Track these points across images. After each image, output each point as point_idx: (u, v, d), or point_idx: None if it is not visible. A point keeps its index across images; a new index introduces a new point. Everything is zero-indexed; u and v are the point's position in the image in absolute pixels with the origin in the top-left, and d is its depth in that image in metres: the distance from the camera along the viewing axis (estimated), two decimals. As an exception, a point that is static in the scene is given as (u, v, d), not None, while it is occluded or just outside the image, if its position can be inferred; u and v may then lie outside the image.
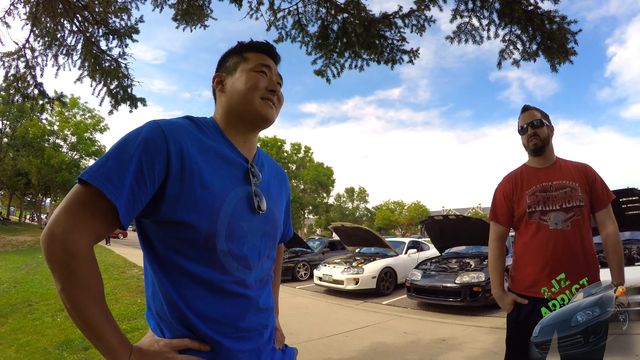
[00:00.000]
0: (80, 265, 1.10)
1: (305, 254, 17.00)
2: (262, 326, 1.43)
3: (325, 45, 5.98)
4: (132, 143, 1.19)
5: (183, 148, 1.25)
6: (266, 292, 1.47)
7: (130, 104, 7.08)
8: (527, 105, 2.94)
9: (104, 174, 1.13)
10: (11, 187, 49.16)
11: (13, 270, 15.88)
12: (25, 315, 7.87)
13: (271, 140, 56.92)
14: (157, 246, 1.28)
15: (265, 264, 1.46)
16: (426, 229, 11.34)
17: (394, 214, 74.20)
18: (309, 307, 10.24)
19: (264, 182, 1.51)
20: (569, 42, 5.16)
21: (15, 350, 5.80)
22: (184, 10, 6.10)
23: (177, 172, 1.22)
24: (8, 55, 6.36)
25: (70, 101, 41.74)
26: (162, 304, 1.28)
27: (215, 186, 1.28)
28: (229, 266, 1.31)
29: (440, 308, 9.49)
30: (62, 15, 6.16)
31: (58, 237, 1.09)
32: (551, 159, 2.89)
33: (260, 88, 1.46)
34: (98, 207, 1.14)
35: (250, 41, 1.55)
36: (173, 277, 1.26)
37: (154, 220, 1.25)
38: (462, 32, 5.62)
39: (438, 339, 6.72)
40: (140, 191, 1.17)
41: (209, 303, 1.28)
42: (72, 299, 1.10)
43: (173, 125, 1.28)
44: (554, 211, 2.71)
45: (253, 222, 1.38)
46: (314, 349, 6.18)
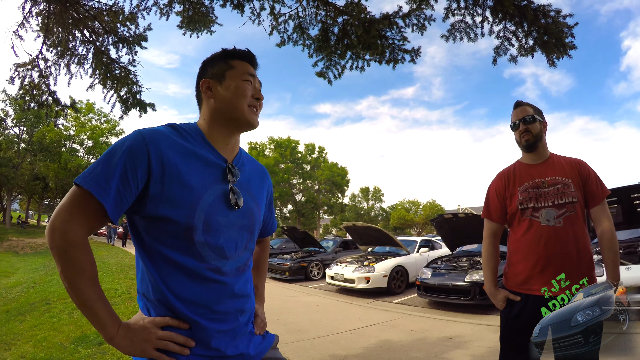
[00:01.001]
0: (75, 251, 1.32)
1: (318, 254, 17.01)
2: (238, 310, 1.59)
3: (326, 48, 6.03)
4: (118, 151, 1.39)
5: (162, 153, 1.43)
6: (243, 279, 1.63)
7: (139, 110, 7.24)
8: (519, 101, 2.93)
9: (94, 178, 1.35)
10: (29, 191, 50.03)
11: (32, 272, 16.20)
12: (43, 313, 8.05)
13: (285, 141, 56.96)
14: (144, 237, 1.47)
15: (242, 254, 1.63)
16: (436, 227, 11.31)
17: (409, 213, 73.57)
18: (319, 305, 10.32)
19: (244, 180, 1.67)
20: (566, 36, 5.11)
21: (33, 346, 5.97)
22: (189, 17, 6.20)
23: (157, 174, 1.41)
24: (22, 66, 6.57)
25: (85, 106, 42.39)
26: (148, 287, 1.48)
27: (192, 185, 1.46)
28: (206, 255, 1.48)
29: (450, 306, 9.52)
30: (73, 26, 6.33)
31: (57, 228, 1.32)
32: (544, 154, 2.87)
33: (248, 96, 1.63)
34: (89, 205, 1.35)
35: (234, 49, 1.69)
36: (157, 264, 1.46)
37: (141, 215, 1.45)
38: (456, 30, 5.62)
39: (445, 337, 6.77)
40: (125, 191, 1.37)
41: (188, 287, 1.46)
42: (70, 280, 1.32)
43: (154, 133, 1.46)
44: (545, 207, 2.69)
45: (229, 217, 1.56)
46: (320, 346, 6.24)
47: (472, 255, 11.22)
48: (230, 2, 6.05)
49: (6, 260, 21.63)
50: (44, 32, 6.28)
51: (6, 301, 10.05)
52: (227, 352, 1.53)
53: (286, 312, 9.19)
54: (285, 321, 8.13)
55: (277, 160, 55.05)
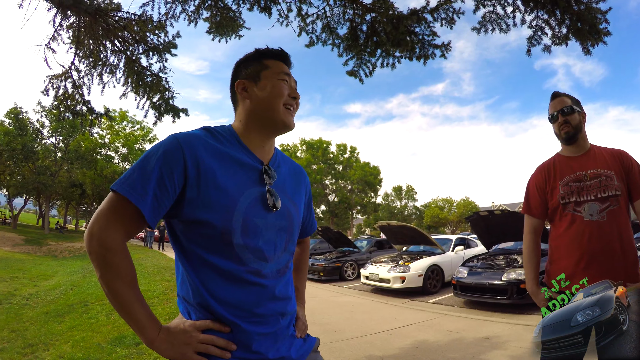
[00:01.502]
0: (113, 257, 1.33)
1: (352, 254, 16.93)
2: (279, 313, 1.56)
3: (355, 46, 5.97)
4: (153, 156, 1.38)
5: (198, 156, 1.41)
6: (283, 282, 1.60)
7: (173, 115, 7.34)
8: (556, 92, 2.82)
9: (130, 184, 1.34)
10: (67, 198, 51.65)
11: (70, 274, 16.59)
12: (81, 315, 8.21)
13: (317, 142, 57.09)
14: (183, 241, 1.47)
15: (282, 256, 1.59)
16: (472, 225, 11.11)
17: (442, 211, 72.90)
18: (354, 305, 10.27)
19: (280, 181, 1.64)
20: (600, 23, 4.92)
21: (71, 346, 6.09)
22: (217, 22, 6.23)
23: (193, 178, 1.40)
24: (56, 78, 6.74)
25: (119, 115, 43.30)
26: (188, 291, 1.48)
27: (229, 188, 1.44)
28: (245, 258, 1.46)
29: (486, 306, 9.34)
30: (104, 37, 6.45)
31: (95, 235, 1.32)
32: (585, 146, 2.76)
33: (285, 95, 1.60)
34: (126, 210, 1.35)
35: (268, 49, 1.67)
36: (197, 268, 1.45)
37: (179, 219, 1.44)
38: (487, 21, 5.47)
39: (482, 338, 6.64)
40: (162, 196, 1.37)
41: (228, 290, 1.45)
42: (109, 285, 1.33)
43: (189, 137, 1.45)
44: (588, 201, 2.59)
45: (267, 219, 1.53)
46: (356, 346, 6.21)
47: (509, 253, 11.00)
48: (257, 5, 6.06)
49: (45, 264, 22.20)
50: (75, 44, 6.42)
51: (45, 303, 10.32)
52: (268, 355, 1.51)
53: (321, 312, 9.16)
54: (320, 321, 8.11)
55: (309, 162, 55.22)
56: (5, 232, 35.78)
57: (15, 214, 44.08)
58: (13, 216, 43.60)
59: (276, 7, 6.04)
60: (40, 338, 6.77)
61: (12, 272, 16.63)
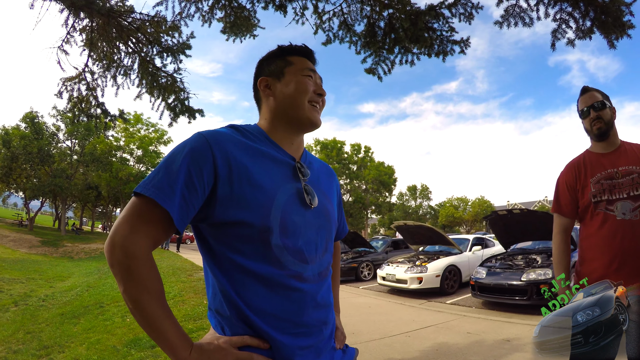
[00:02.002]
0: (139, 267, 1.18)
1: (368, 254, 16.88)
2: (322, 322, 1.44)
3: (373, 43, 5.88)
4: (179, 155, 1.27)
5: (228, 152, 1.31)
6: (325, 286, 1.49)
7: (188, 116, 7.30)
8: (586, 87, 2.73)
9: (156, 184, 1.23)
10: (83, 200, 52.29)
11: (86, 275, 16.73)
12: (97, 316, 8.24)
13: (331, 142, 57.11)
14: (213, 246, 1.34)
15: (323, 257, 1.49)
16: (490, 224, 10.97)
17: (457, 210, 72.66)
18: (371, 306, 10.19)
19: (314, 178, 1.55)
20: (624, 15, 4.79)
21: (86, 348, 6.10)
22: (231, 22, 6.17)
23: (225, 175, 1.29)
24: (70, 80, 6.74)
25: (134, 117, 43.64)
26: (221, 303, 1.34)
27: (264, 184, 1.34)
28: (285, 260, 1.34)
29: (505, 307, 9.18)
30: (117, 39, 6.44)
31: (118, 244, 1.18)
32: (615, 142, 2.66)
33: (310, 91, 1.51)
34: (153, 214, 1.22)
35: (291, 45, 1.59)
36: (230, 276, 1.32)
37: (209, 223, 1.32)
38: (510, 15, 5.36)
39: (502, 340, 6.51)
40: (191, 196, 1.25)
41: (266, 299, 1.32)
42: (134, 299, 1.18)
43: (216, 133, 1.35)
44: (621, 200, 2.50)
45: (306, 217, 1.42)
46: (375, 349, 6.14)
47: (528, 252, 10.82)
48: (272, 4, 5.99)
49: (61, 265, 22.49)
50: (88, 46, 6.40)
51: (61, 304, 10.39)
52: None
53: (338, 314, 9.04)
54: (337, 323, 7.96)
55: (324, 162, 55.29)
56: (23, 234, 36.25)
57: (32, 216, 44.57)
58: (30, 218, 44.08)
59: (291, 5, 5.98)
60: (55, 340, 6.80)
61: (29, 273, 16.82)
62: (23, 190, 45.47)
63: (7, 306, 10.22)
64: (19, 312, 9.61)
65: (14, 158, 39.41)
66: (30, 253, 28.94)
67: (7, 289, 12.85)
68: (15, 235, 34.28)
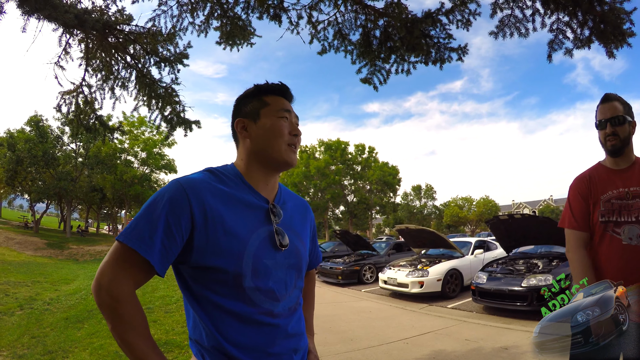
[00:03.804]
0: (124, 308, 1.30)
1: (371, 257, 16.89)
2: (292, 350, 1.55)
3: (369, 53, 5.87)
4: (159, 204, 1.36)
5: (204, 202, 1.39)
6: (295, 318, 1.60)
7: (185, 128, 7.36)
8: (608, 95, 2.53)
9: (137, 234, 1.32)
10: (88, 202, 52.57)
11: (91, 278, 16.58)
12: (100, 321, 8.23)
13: (335, 142, 57.07)
14: (192, 286, 1.44)
15: (292, 293, 1.58)
16: (492, 229, 10.97)
17: (462, 210, 72.47)
18: (372, 311, 10.23)
19: (286, 218, 1.62)
20: (624, 23, 4.69)
21: (89, 354, 6.13)
22: (227, 32, 6.18)
23: (201, 224, 1.37)
24: (68, 93, 6.79)
25: (138, 120, 43.72)
26: (201, 334, 1.44)
27: (238, 231, 1.43)
28: (257, 299, 1.45)
29: (505, 312, 9.15)
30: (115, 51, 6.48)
31: (104, 287, 1.29)
32: (630, 158, 2.52)
33: (285, 134, 1.57)
34: (135, 261, 1.33)
35: (267, 84, 1.63)
36: (208, 311, 1.42)
37: (188, 265, 1.42)
38: (505, 25, 5.29)
39: (500, 347, 6.51)
40: (170, 244, 1.34)
41: (241, 332, 1.43)
42: (121, 336, 1.29)
43: (194, 182, 1.42)
44: (628, 223, 2.39)
45: (277, 258, 1.51)
46: (373, 356, 6.16)
47: (529, 257, 10.81)
48: (267, 14, 5.98)
49: (67, 268, 22.50)
50: (85, 59, 6.45)
51: (65, 308, 10.43)
52: None
53: (338, 319, 9.13)
54: (337, 329, 8.06)
55: (328, 162, 55.31)
56: (28, 237, 36.34)
57: (37, 218, 44.72)
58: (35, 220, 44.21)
59: (286, 15, 5.97)
60: (59, 345, 6.82)
61: (34, 276, 16.87)
62: (28, 192, 45.58)
63: (12, 310, 10.26)
64: (24, 316, 9.65)
65: (19, 161, 39.50)
66: (35, 255, 29.02)
67: (13, 292, 12.89)
68: (20, 238, 34.37)
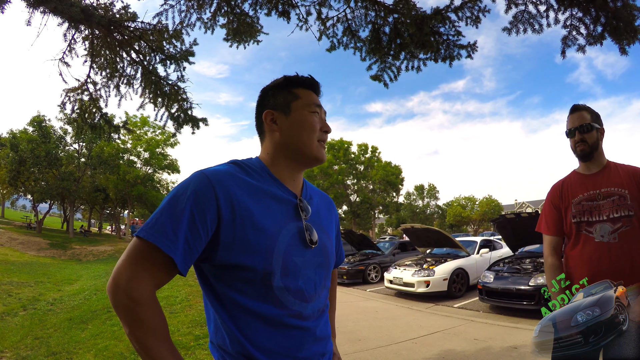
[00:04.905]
0: (143, 311, 1.19)
1: (375, 256, 16.84)
2: (320, 354, 1.47)
3: (378, 49, 5.82)
4: (182, 197, 1.26)
5: (231, 194, 1.30)
6: (323, 321, 1.52)
7: (192, 125, 7.31)
8: (576, 106, 2.75)
9: (159, 229, 1.22)
10: (90, 202, 52.48)
11: (94, 279, 16.69)
12: (104, 322, 8.21)
13: (338, 142, 57.01)
14: (215, 286, 1.35)
15: (322, 294, 1.51)
16: (498, 228, 10.93)
17: (465, 210, 72.42)
18: (378, 311, 10.17)
19: (314, 214, 1.54)
20: (636, 20, 4.70)
21: (94, 355, 6.08)
22: (234, 29, 6.15)
23: (228, 218, 1.28)
24: (72, 91, 6.77)
25: (140, 120, 43.79)
26: (224, 339, 1.35)
27: (267, 226, 1.34)
28: (286, 300, 1.36)
29: (513, 312, 9.11)
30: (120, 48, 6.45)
31: (122, 287, 1.18)
32: (601, 162, 2.71)
33: (317, 130, 1.51)
34: (156, 259, 1.23)
35: (297, 76, 1.55)
36: (233, 314, 1.33)
37: (211, 264, 1.32)
38: (519, 21, 5.26)
39: (510, 347, 6.45)
40: (194, 240, 1.25)
41: (268, 336, 1.33)
42: (140, 341, 1.18)
43: (219, 173, 1.33)
44: (600, 222, 2.57)
45: (306, 256, 1.43)
46: (382, 356, 6.10)
47: (536, 256, 10.78)
48: (275, 10, 5.95)
49: (70, 268, 22.48)
50: (90, 56, 6.41)
51: (69, 309, 10.39)
52: None
53: (345, 319, 9.07)
54: (345, 329, 8.01)
55: (331, 162, 55.21)
56: (31, 237, 36.27)
57: (40, 218, 44.72)
58: (38, 221, 44.20)
59: (295, 11, 5.93)
60: (63, 346, 6.79)
61: (37, 276, 16.83)
62: (31, 193, 45.53)
63: (15, 310, 10.24)
64: (28, 316, 9.62)
65: (21, 161, 39.50)
66: (38, 256, 28.97)
67: (16, 292, 12.87)
68: (23, 238, 34.29)
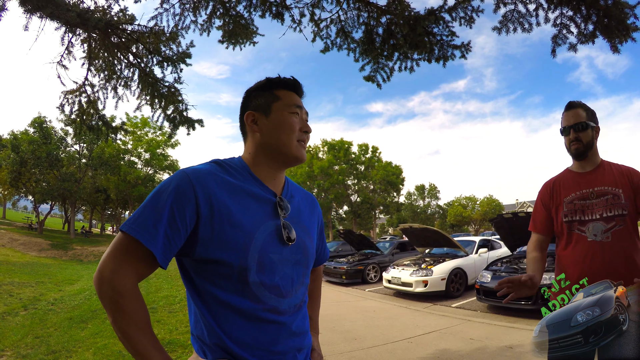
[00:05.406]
0: (126, 302, 1.26)
1: (374, 256, 16.88)
2: (296, 349, 1.51)
3: (372, 50, 5.83)
4: (164, 194, 1.33)
5: (210, 193, 1.36)
6: (300, 316, 1.56)
7: (187, 127, 7.36)
8: (571, 103, 2.69)
9: (141, 224, 1.29)
10: (92, 203, 52.84)
11: (95, 279, 16.78)
12: (104, 321, 8.24)
13: (338, 142, 57.00)
14: (195, 280, 1.41)
15: (299, 290, 1.55)
16: (495, 227, 10.87)
17: (466, 209, 72.31)
18: (376, 311, 10.20)
19: (294, 212, 1.59)
20: (628, 17, 4.68)
21: (93, 353, 6.12)
22: (230, 31, 6.17)
23: (206, 216, 1.34)
24: (70, 93, 6.81)
25: (141, 121, 43.91)
26: (202, 330, 1.41)
27: (244, 224, 1.39)
28: (262, 295, 1.41)
29: (510, 311, 9.10)
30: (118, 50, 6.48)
31: (106, 279, 1.26)
32: (595, 161, 2.67)
33: (296, 130, 1.55)
34: (138, 252, 1.29)
35: (279, 78, 1.60)
36: (211, 307, 1.39)
37: (191, 258, 1.39)
38: (508, 20, 5.27)
39: (505, 347, 6.47)
40: (174, 235, 1.31)
41: (244, 330, 1.39)
42: (122, 330, 1.26)
43: (200, 172, 1.39)
44: (593, 221, 2.52)
45: (283, 253, 1.48)
46: (377, 356, 6.13)
47: (534, 255, 10.70)
48: (269, 12, 5.97)
49: (71, 268, 22.52)
50: (88, 59, 6.45)
51: (69, 308, 10.42)
52: None
53: (342, 318, 9.11)
54: (341, 329, 8.04)
55: (331, 162, 55.22)
56: (32, 238, 36.35)
57: (41, 219, 44.80)
58: (39, 222, 44.29)
59: (288, 13, 5.95)
60: (63, 345, 6.82)
61: (38, 277, 16.87)
62: (32, 194, 45.66)
63: (16, 310, 10.26)
64: (28, 316, 9.65)
65: (22, 162, 39.62)
66: (40, 256, 29.04)
67: (17, 292, 12.90)
68: (25, 239, 34.37)
